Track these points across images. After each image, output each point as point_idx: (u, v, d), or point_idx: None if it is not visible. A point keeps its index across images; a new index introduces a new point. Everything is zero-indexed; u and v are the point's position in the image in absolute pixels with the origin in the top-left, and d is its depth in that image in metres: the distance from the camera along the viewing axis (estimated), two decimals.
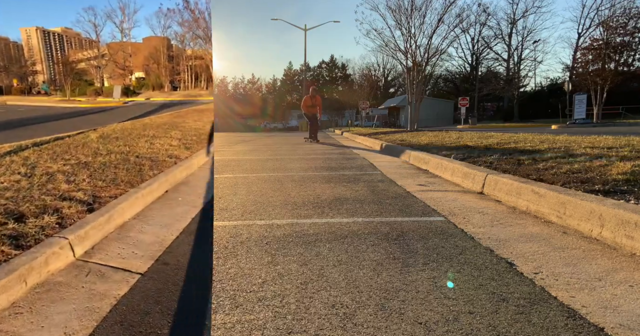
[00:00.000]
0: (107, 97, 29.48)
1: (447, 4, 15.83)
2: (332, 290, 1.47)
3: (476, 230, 2.18)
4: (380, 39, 16.96)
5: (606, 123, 21.30)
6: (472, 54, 45.42)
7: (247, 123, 38.48)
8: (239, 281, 1.55)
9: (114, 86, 29.93)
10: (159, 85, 35.06)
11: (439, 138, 7.75)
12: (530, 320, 1.24)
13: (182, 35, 34.28)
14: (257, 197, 3.15)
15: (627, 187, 2.36)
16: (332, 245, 1.97)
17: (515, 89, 37.07)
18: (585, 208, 2.06)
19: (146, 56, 35.33)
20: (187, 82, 35.59)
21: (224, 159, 6.29)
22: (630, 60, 29.07)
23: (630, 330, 1.18)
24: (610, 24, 26.34)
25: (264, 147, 9.24)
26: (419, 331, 1.19)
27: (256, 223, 2.38)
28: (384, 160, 5.75)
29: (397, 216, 2.52)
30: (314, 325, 1.23)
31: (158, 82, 35.14)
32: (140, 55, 35.92)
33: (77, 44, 39.96)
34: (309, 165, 5.18)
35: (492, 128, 20.11)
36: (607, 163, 3.14)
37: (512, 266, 1.67)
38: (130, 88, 30.29)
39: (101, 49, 35.25)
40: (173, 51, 36.29)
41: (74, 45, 40.71)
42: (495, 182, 2.99)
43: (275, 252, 1.89)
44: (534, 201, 2.48)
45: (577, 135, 6.69)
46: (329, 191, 3.36)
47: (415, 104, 17.10)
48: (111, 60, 34.69)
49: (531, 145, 4.96)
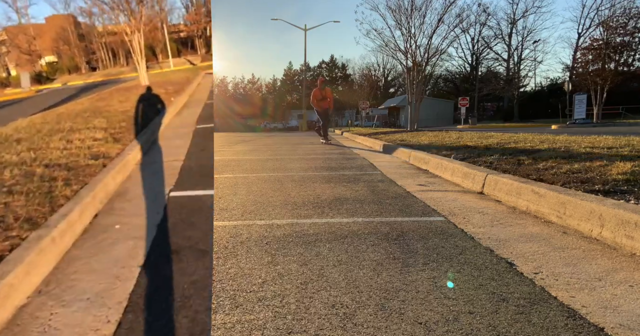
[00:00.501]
0: (16, 88, 25.89)
1: (447, 4, 15.83)
2: (332, 290, 1.47)
3: (476, 230, 2.18)
4: (380, 39, 16.96)
5: (606, 123, 21.30)
6: (472, 54, 45.43)
7: (247, 123, 38.51)
8: (239, 281, 1.55)
9: (20, 74, 26.30)
10: (74, 68, 31.39)
11: (439, 138, 7.75)
12: (530, 320, 1.24)
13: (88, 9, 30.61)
14: (257, 197, 3.15)
15: (627, 187, 2.36)
16: (332, 245, 1.97)
17: (515, 89, 37.07)
18: (585, 208, 2.06)
19: (53, 37, 31.65)
20: (104, 61, 33.22)
21: (224, 159, 6.30)
22: (630, 60, 29.08)
23: (630, 330, 1.18)
24: (610, 24, 26.33)
25: (264, 147, 9.24)
26: (419, 331, 1.19)
27: (256, 223, 2.39)
28: (384, 160, 5.75)
29: (397, 216, 2.52)
30: (314, 325, 1.23)
31: (73, 65, 31.82)
32: (47, 37, 32.57)
33: None
34: (309, 165, 5.19)
35: (492, 128, 20.11)
36: (607, 163, 3.14)
37: (512, 266, 1.67)
38: (42, 75, 26.09)
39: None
40: (82, 29, 33.59)
41: None
42: (495, 182, 2.99)
43: (275, 251, 1.89)
44: (534, 201, 2.48)
45: (577, 135, 6.69)
46: (329, 191, 3.36)
47: (415, 104, 17.11)
48: (12, 45, 31.80)
49: (531, 145, 4.96)
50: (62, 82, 29.32)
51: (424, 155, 4.89)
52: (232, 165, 5.38)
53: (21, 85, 24.67)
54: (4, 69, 31.98)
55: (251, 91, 54.83)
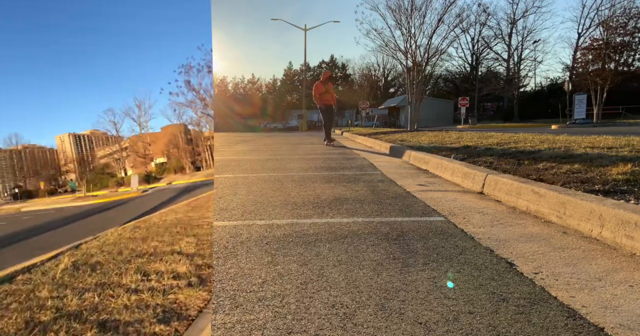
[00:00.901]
0: (128, 187, 28.55)
1: (447, 4, 15.84)
2: (332, 290, 1.47)
3: (476, 230, 2.18)
4: (380, 39, 16.97)
5: (606, 123, 21.30)
6: (472, 54, 45.45)
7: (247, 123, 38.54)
8: (239, 281, 1.55)
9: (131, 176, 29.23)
10: (180, 168, 35.18)
11: (439, 138, 7.76)
12: (530, 320, 1.24)
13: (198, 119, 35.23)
14: (257, 197, 3.15)
15: (627, 187, 2.36)
16: (332, 245, 1.97)
17: (515, 89, 37.08)
18: (585, 208, 2.06)
19: (165, 143, 35.92)
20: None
21: (224, 159, 6.30)
22: (630, 60, 29.11)
23: (630, 330, 1.18)
24: (610, 24, 26.34)
25: (264, 147, 9.24)
26: (419, 331, 1.19)
27: (256, 223, 2.38)
28: (384, 160, 5.75)
29: (397, 216, 2.52)
30: (314, 325, 1.23)
31: (179, 165, 35.28)
32: (160, 143, 36.59)
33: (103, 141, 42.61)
34: (309, 165, 5.19)
35: (492, 128, 20.11)
36: (607, 163, 3.14)
37: (512, 266, 1.67)
38: (151, 175, 28.94)
39: (122, 143, 36.37)
40: (191, 134, 37.25)
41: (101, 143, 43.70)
42: (495, 182, 2.99)
43: (275, 251, 1.89)
44: (534, 201, 2.48)
45: (577, 135, 6.69)
46: (329, 191, 3.36)
47: (415, 104, 17.11)
48: (132, 151, 35.54)
49: (531, 145, 4.96)
50: (167, 181, 31.53)
51: (423, 155, 4.89)
52: (232, 165, 5.38)
53: (131, 185, 26.07)
54: (122, 170, 35.38)
55: (251, 91, 54.84)
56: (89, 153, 46.42)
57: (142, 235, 4.74)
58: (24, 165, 39.70)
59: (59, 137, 50.07)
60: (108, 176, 34.69)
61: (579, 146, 4.47)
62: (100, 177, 34.69)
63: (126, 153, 35.33)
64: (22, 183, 38.79)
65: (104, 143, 41.98)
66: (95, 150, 44.12)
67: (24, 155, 41.52)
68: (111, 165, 37.30)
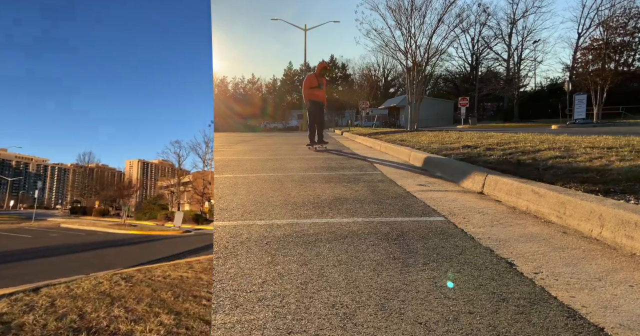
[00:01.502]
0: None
1: (447, 4, 15.86)
2: (332, 290, 1.47)
3: (476, 230, 2.18)
4: (380, 39, 17.00)
5: (606, 123, 21.30)
6: (472, 54, 45.47)
7: (247, 123, 38.57)
8: (239, 281, 1.55)
9: (176, 214, 26.86)
10: None
11: (439, 138, 7.75)
12: (530, 320, 1.24)
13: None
14: (257, 197, 3.15)
15: (627, 187, 2.36)
16: (332, 245, 1.97)
17: (515, 89, 37.10)
18: (585, 208, 2.06)
19: None
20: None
21: (224, 159, 6.30)
22: (630, 60, 29.14)
23: (630, 330, 1.18)
24: (610, 24, 26.36)
25: (264, 147, 9.24)
26: (419, 331, 1.19)
27: (256, 223, 2.38)
28: (384, 160, 5.75)
29: (397, 216, 2.52)
30: (314, 325, 1.23)
31: None
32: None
33: (169, 173, 42.93)
34: (309, 165, 5.19)
35: (492, 128, 20.10)
36: (607, 163, 3.14)
37: (512, 266, 1.67)
38: (201, 216, 26.74)
39: (183, 178, 35.81)
40: None
41: (167, 174, 44.19)
42: (495, 182, 2.99)
43: (275, 251, 1.89)
44: (534, 201, 2.48)
45: (577, 135, 6.69)
46: (329, 191, 3.36)
47: (415, 104, 17.11)
48: (191, 186, 35.03)
49: (531, 145, 4.96)
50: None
51: (423, 155, 4.89)
52: (232, 165, 5.38)
53: (174, 222, 24.66)
54: (176, 205, 34.61)
55: (251, 91, 54.87)
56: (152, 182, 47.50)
57: (118, 294, 3.85)
58: (88, 182, 40.64)
59: (129, 162, 51.66)
60: (159, 208, 33.73)
61: (579, 146, 4.47)
62: (150, 208, 34.08)
63: (184, 188, 34.58)
64: (81, 199, 39.69)
65: (169, 174, 42.25)
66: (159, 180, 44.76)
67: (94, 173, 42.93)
68: (165, 198, 36.61)
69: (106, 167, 46.44)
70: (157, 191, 37.45)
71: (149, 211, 33.25)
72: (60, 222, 27.41)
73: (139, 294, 3.90)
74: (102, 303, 3.48)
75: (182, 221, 23.61)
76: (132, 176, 49.65)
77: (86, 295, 3.81)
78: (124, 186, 36.71)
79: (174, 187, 34.87)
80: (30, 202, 54.90)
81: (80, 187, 41.64)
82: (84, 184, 41.58)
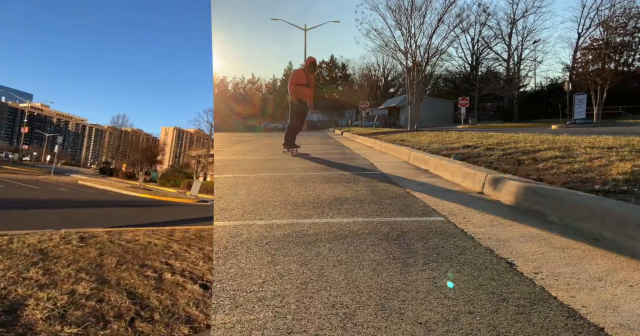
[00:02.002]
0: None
1: (447, 4, 15.88)
2: (332, 290, 1.47)
3: (476, 230, 2.18)
4: (380, 39, 17.02)
5: (606, 123, 21.30)
6: (472, 54, 45.46)
7: (247, 123, 38.56)
8: (239, 281, 1.55)
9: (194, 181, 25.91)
10: None
11: (439, 138, 7.75)
12: (530, 320, 1.24)
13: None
14: (257, 197, 3.15)
15: (627, 187, 2.36)
16: (332, 245, 1.97)
17: (515, 89, 37.10)
18: (585, 208, 2.06)
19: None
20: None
21: (224, 159, 6.30)
22: (630, 60, 29.13)
23: (630, 330, 1.18)
24: (610, 24, 26.36)
25: (264, 146, 9.24)
26: (419, 331, 1.19)
27: (256, 223, 2.38)
28: (384, 160, 5.75)
29: (397, 216, 2.52)
30: (314, 325, 1.23)
31: None
32: None
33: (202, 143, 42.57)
34: (309, 165, 5.19)
35: (492, 128, 20.10)
36: (607, 163, 3.13)
37: (512, 266, 1.67)
38: None
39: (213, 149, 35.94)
40: None
41: (201, 144, 43.78)
42: (496, 182, 2.99)
43: (275, 251, 1.89)
44: (534, 201, 2.48)
45: (577, 135, 6.68)
46: (329, 191, 3.36)
47: (415, 104, 17.11)
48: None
49: (531, 145, 4.96)
50: None
51: (423, 155, 4.89)
52: (232, 165, 5.38)
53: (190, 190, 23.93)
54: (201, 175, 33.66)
55: (251, 91, 54.87)
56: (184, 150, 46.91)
57: (56, 254, 3.58)
58: (120, 145, 40.59)
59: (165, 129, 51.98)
60: (184, 176, 33.44)
61: (579, 146, 4.46)
62: (175, 175, 33.89)
63: (212, 159, 34.83)
64: (112, 160, 39.85)
65: (202, 144, 41.88)
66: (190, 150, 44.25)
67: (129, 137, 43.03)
68: (191, 167, 36.19)
69: (141, 132, 46.49)
70: (186, 159, 37.11)
71: (172, 178, 33.18)
72: (78, 179, 27.55)
73: (79, 256, 3.54)
74: (25, 261, 3.20)
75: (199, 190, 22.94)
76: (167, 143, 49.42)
77: (19, 251, 3.54)
78: (151, 151, 36.38)
79: (202, 157, 34.49)
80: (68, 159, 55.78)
81: (113, 149, 41.67)
82: (115, 146, 41.67)
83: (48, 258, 3.39)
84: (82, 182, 25.04)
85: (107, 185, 23.75)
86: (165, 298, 2.60)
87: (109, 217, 9.59)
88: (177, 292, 2.83)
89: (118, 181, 29.97)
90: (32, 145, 59.64)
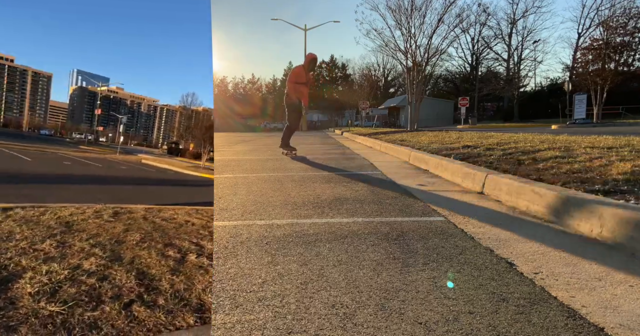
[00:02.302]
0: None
1: (447, 4, 15.89)
2: (332, 290, 1.47)
3: (476, 230, 2.18)
4: (380, 39, 17.03)
5: (606, 123, 21.31)
6: (472, 54, 45.48)
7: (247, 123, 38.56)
8: (239, 281, 1.55)
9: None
10: None
11: (439, 138, 7.75)
12: (530, 320, 1.24)
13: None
14: (257, 197, 3.15)
15: (627, 187, 2.36)
16: (332, 245, 1.97)
17: (515, 89, 37.12)
18: (585, 209, 2.06)
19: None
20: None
21: (224, 159, 6.30)
22: (630, 60, 29.16)
23: (630, 330, 1.18)
24: (610, 24, 26.36)
25: (264, 146, 9.24)
26: (419, 331, 1.19)
27: (256, 223, 2.38)
28: (384, 160, 5.75)
29: (397, 216, 2.52)
30: (314, 325, 1.23)
31: None
32: None
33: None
34: (309, 165, 5.19)
35: (492, 128, 20.10)
36: (607, 163, 3.13)
37: (512, 266, 1.67)
38: None
39: None
40: None
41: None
42: (496, 182, 2.99)
43: (275, 251, 1.89)
44: (534, 201, 2.48)
45: (577, 135, 6.68)
46: (329, 191, 3.36)
47: (415, 104, 17.11)
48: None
49: (531, 145, 4.96)
50: None
51: (423, 155, 4.89)
52: (232, 165, 5.38)
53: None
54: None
55: (251, 91, 54.88)
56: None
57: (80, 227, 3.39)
58: (190, 124, 39.99)
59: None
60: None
61: (579, 146, 4.47)
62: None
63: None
64: (181, 140, 39.61)
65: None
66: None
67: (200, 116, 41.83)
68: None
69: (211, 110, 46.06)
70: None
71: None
72: (143, 158, 27.26)
73: (102, 231, 3.36)
74: (44, 233, 3.06)
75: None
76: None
77: (45, 223, 3.37)
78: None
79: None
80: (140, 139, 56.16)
81: (183, 129, 41.51)
82: (185, 126, 41.44)
83: (70, 231, 3.21)
84: (146, 161, 24.56)
85: (169, 165, 23.22)
86: (179, 282, 2.31)
87: (159, 196, 9.14)
88: (197, 276, 2.50)
89: (182, 161, 29.41)
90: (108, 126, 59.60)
